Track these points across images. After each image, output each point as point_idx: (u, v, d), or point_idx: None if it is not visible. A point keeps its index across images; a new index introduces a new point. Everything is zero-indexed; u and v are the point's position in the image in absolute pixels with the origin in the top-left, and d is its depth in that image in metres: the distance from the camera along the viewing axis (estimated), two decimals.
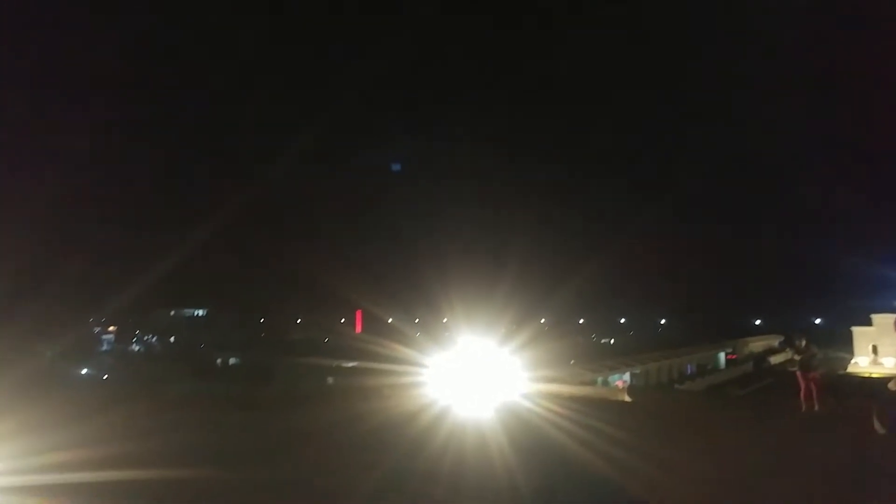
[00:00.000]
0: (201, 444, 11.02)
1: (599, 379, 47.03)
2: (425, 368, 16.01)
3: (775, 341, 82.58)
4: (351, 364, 40.45)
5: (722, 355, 73.24)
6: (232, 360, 51.85)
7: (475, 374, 14.39)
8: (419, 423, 12.42)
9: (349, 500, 8.38)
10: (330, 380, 35.38)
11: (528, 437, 11.64)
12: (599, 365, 51.04)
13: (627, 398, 17.38)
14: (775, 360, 72.59)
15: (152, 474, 8.52)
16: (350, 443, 11.62)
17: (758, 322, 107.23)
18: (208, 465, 9.51)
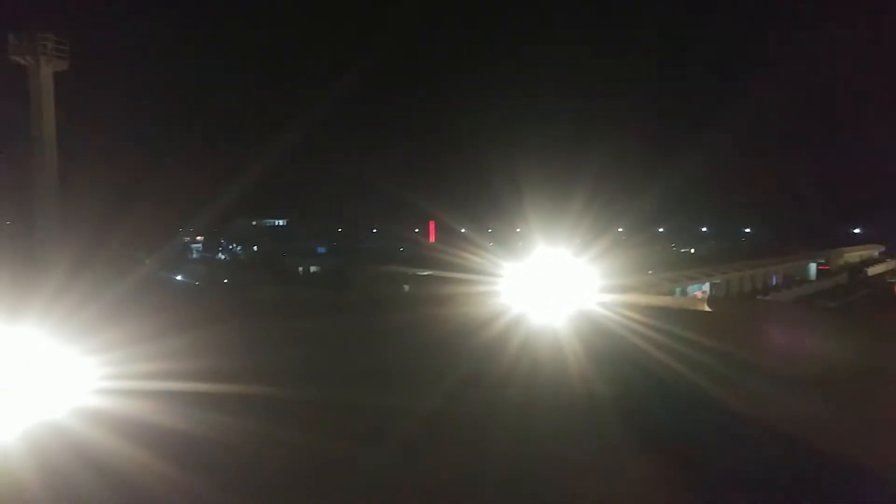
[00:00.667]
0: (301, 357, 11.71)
1: (678, 289, 46.20)
2: (499, 277, 16.16)
3: (875, 251, 77.74)
4: (425, 272, 41.51)
5: (813, 266, 69.68)
6: (312, 268, 54.27)
7: (549, 282, 14.43)
8: (493, 328, 12.70)
9: (429, 396, 8.86)
10: (405, 287, 36.63)
11: (602, 344, 11.70)
12: (678, 275, 49.97)
13: (707, 308, 17.04)
14: (873, 271, 68.58)
15: (253, 388, 9.17)
16: (427, 345, 12.10)
17: (856, 231, 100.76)
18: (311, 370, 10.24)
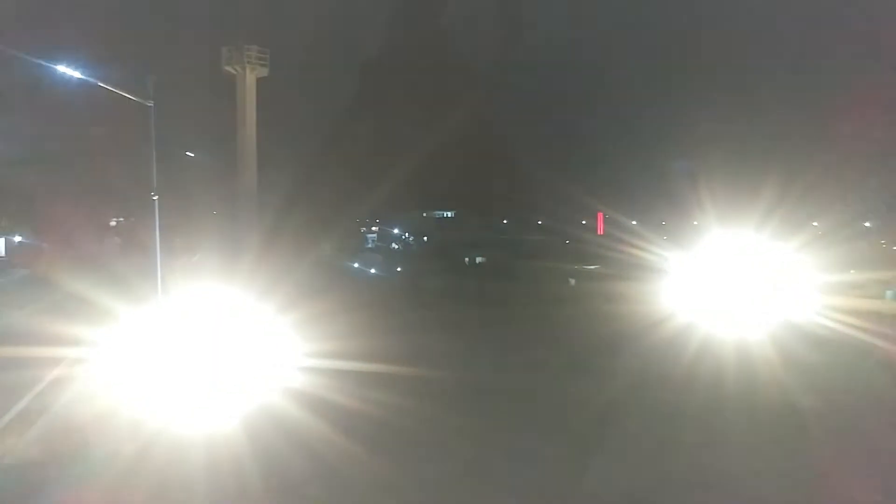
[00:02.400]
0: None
1: (889, 292, 40.39)
2: (671, 274, 15.38)
3: None
4: (592, 267, 40.58)
5: None
6: (478, 259, 55.59)
7: (735, 281, 13.42)
8: (662, 332, 12.15)
9: (593, 401, 8.79)
10: (572, 281, 36.16)
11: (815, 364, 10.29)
12: (893, 275, 43.61)
13: None
14: None
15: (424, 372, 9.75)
16: (594, 346, 11.96)
17: None
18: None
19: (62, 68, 15.95)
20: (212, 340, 7.87)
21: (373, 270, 45.61)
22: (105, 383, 8.41)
